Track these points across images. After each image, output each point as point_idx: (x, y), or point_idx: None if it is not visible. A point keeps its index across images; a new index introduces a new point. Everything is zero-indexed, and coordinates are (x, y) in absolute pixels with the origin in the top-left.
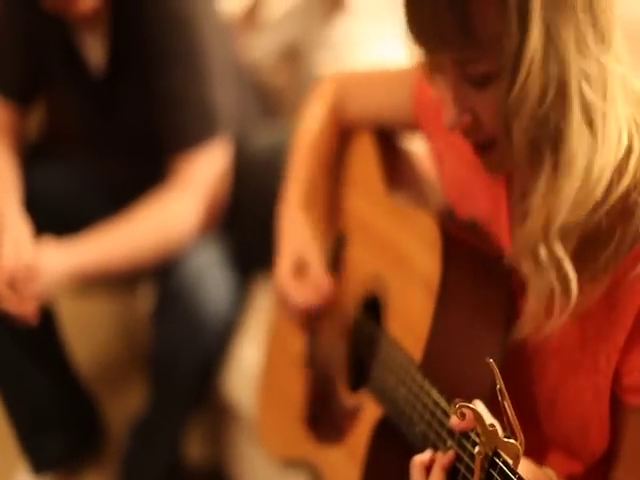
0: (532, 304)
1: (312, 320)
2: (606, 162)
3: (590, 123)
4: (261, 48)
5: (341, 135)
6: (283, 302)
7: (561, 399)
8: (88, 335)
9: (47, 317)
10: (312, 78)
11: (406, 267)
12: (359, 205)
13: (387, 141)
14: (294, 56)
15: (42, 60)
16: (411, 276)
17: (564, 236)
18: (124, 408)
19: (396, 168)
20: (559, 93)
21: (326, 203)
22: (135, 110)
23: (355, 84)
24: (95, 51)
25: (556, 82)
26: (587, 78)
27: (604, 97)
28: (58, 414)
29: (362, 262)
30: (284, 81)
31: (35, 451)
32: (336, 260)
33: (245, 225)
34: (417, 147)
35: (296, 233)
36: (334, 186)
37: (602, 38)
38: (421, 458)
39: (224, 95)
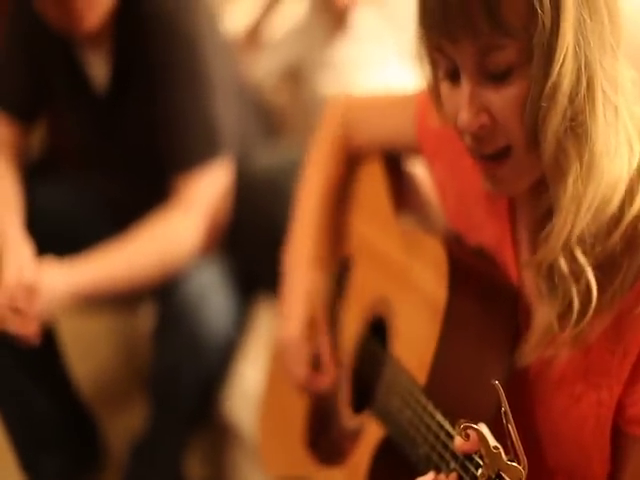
0: (541, 326)
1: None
2: (621, 166)
3: (610, 124)
4: (263, 68)
5: (350, 162)
6: (284, 362)
7: (564, 428)
8: (89, 354)
9: (48, 336)
10: (314, 98)
11: (412, 290)
12: (367, 228)
13: (395, 165)
14: (296, 76)
15: (46, 77)
16: (417, 299)
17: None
18: (124, 427)
19: (404, 192)
20: (586, 89)
21: (334, 232)
22: (137, 129)
23: (360, 110)
24: (98, 69)
25: (585, 76)
26: (607, 76)
27: (618, 98)
28: (58, 433)
29: (369, 284)
30: (286, 101)
31: (35, 470)
32: (342, 282)
33: (246, 245)
34: (423, 170)
35: (304, 283)
36: (342, 211)
37: (617, 39)
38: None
39: (226, 114)
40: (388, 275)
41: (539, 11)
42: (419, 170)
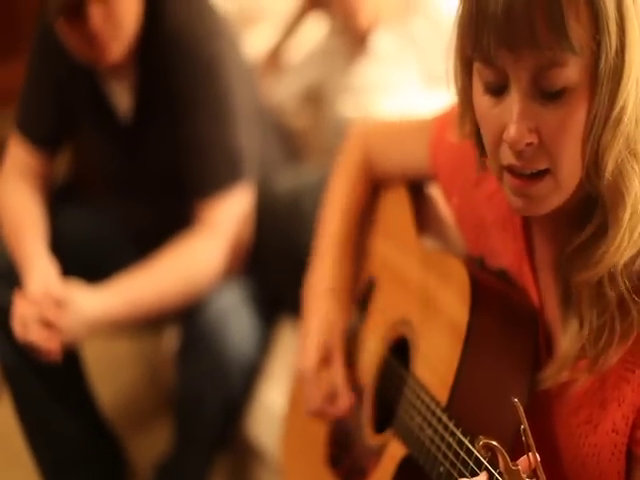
0: (565, 351)
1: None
2: None
3: None
4: (284, 91)
5: (372, 186)
6: (302, 392)
7: (582, 453)
8: (113, 376)
9: (72, 358)
10: (335, 121)
11: (435, 311)
12: (390, 249)
13: (418, 188)
14: (317, 99)
15: (71, 108)
16: (440, 320)
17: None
18: (149, 448)
19: (427, 215)
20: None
21: (355, 261)
22: (161, 155)
23: (380, 137)
24: (122, 98)
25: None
26: None
27: None
28: (84, 455)
29: (392, 304)
30: (306, 124)
31: None
32: (365, 302)
33: (269, 267)
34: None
35: (325, 313)
36: (365, 235)
37: None
38: None
39: (248, 139)
40: (411, 296)
41: (606, 29)
42: (439, 194)
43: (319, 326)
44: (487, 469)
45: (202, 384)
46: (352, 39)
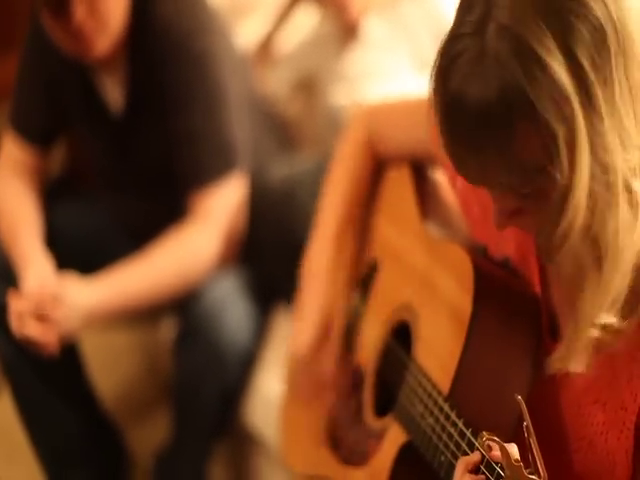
0: (574, 338)
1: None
2: None
3: (637, 213)
4: (276, 80)
5: (376, 166)
6: (299, 370)
7: (590, 433)
8: (111, 367)
9: (70, 350)
10: (328, 109)
11: (438, 299)
12: (393, 233)
13: (422, 171)
14: (309, 88)
15: (63, 103)
16: (442, 308)
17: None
18: (148, 439)
19: (430, 199)
20: (607, 197)
21: (357, 239)
22: (154, 148)
23: (384, 117)
24: (114, 92)
25: (604, 191)
26: (632, 170)
27: None
28: (84, 447)
29: (394, 289)
30: (299, 113)
31: None
32: (368, 284)
33: (263, 256)
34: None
35: (320, 301)
36: (368, 215)
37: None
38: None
39: (241, 129)
40: (413, 281)
41: (556, 159)
42: (443, 179)
43: (315, 309)
44: (488, 464)
45: (199, 373)
46: (343, 27)
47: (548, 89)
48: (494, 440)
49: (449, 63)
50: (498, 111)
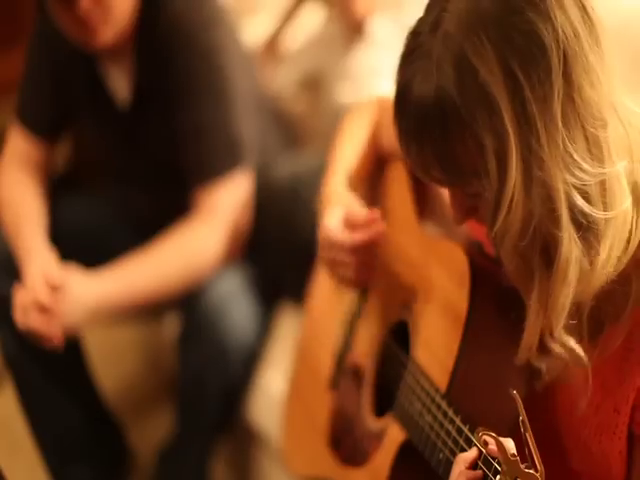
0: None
1: (366, 269)
2: (609, 257)
3: (586, 231)
4: (282, 78)
5: (377, 161)
6: (331, 250)
7: (584, 434)
8: (114, 363)
9: (74, 345)
10: (333, 107)
11: (435, 296)
12: (391, 233)
13: None
14: (315, 85)
15: (70, 95)
16: (439, 306)
17: (577, 308)
18: (151, 435)
19: (428, 198)
20: (548, 212)
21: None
22: (159, 141)
23: (387, 113)
24: (120, 83)
25: (542, 207)
26: (580, 190)
27: (603, 202)
28: (87, 443)
29: (392, 289)
30: (305, 110)
31: None
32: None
33: (268, 253)
34: None
35: (340, 195)
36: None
37: (596, 142)
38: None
39: (247, 125)
40: (411, 281)
41: (487, 167)
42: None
43: (335, 202)
44: (486, 459)
45: (203, 370)
46: (349, 26)
47: (479, 100)
48: (490, 435)
49: (406, 56)
50: (433, 112)
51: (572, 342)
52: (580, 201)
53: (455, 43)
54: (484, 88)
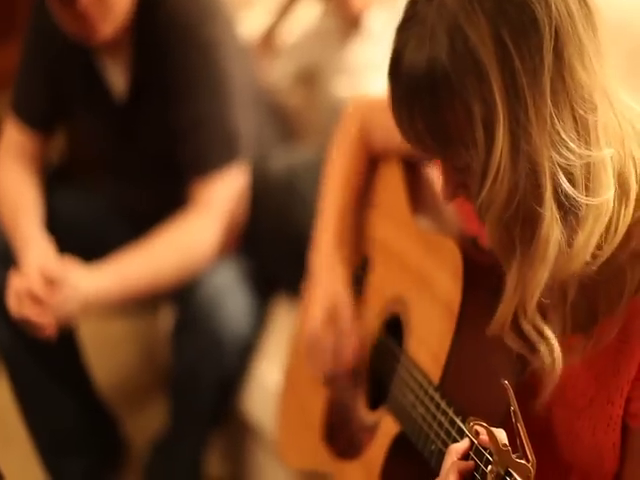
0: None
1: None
2: (587, 242)
3: (567, 212)
4: (278, 71)
5: (370, 161)
6: (310, 350)
7: (577, 427)
8: (109, 355)
9: (68, 337)
10: (329, 101)
11: (428, 290)
12: (385, 228)
13: (413, 166)
14: (311, 79)
15: (66, 88)
16: (433, 299)
17: (560, 288)
18: (146, 427)
19: (421, 193)
20: (532, 187)
21: (356, 232)
22: (156, 135)
23: (376, 112)
24: (117, 77)
25: (527, 181)
26: (565, 170)
27: (587, 186)
28: (80, 435)
29: (386, 283)
30: (301, 104)
31: (59, 473)
32: (360, 280)
33: (263, 245)
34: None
35: (330, 280)
36: (363, 212)
37: (584, 125)
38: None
39: (244, 118)
40: (405, 274)
41: (474, 136)
42: (435, 172)
43: (325, 290)
44: (477, 449)
45: (197, 362)
46: (345, 19)
47: (469, 67)
48: (482, 425)
49: (402, 23)
50: (424, 80)
51: (546, 329)
52: (564, 182)
53: (449, 12)
54: (475, 55)
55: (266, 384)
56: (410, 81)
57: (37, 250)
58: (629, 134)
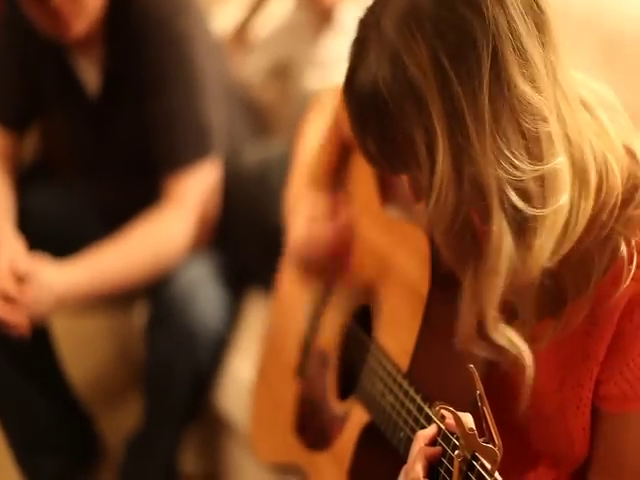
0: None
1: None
2: (542, 249)
3: (519, 224)
4: (251, 66)
5: (343, 148)
6: (299, 249)
7: (547, 412)
8: (83, 352)
9: (42, 334)
10: (302, 95)
11: (396, 278)
12: (354, 217)
13: None
14: (284, 73)
15: (38, 86)
16: (401, 287)
17: (524, 285)
18: (120, 423)
19: (391, 182)
20: (479, 203)
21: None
22: (129, 131)
23: None
24: (90, 74)
25: (472, 198)
26: (514, 185)
27: (543, 196)
28: (55, 433)
29: (355, 272)
30: (274, 98)
31: (33, 471)
32: None
33: (236, 240)
34: None
35: (308, 201)
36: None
37: (534, 138)
38: (425, 432)
39: (216, 113)
40: (373, 264)
41: (417, 156)
42: None
43: (304, 206)
44: (445, 435)
45: (171, 357)
46: (318, 14)
47: (408, 96)
48: (448, 409)
49: (354, 44)
50: (369, 104)
51: (513, 335)
52: (513, 196)
53: (389, 40)
54: (414, 85)
55: (240, 378)
56: (359, 99)
57: (7, 249)
58: (587, 122)
